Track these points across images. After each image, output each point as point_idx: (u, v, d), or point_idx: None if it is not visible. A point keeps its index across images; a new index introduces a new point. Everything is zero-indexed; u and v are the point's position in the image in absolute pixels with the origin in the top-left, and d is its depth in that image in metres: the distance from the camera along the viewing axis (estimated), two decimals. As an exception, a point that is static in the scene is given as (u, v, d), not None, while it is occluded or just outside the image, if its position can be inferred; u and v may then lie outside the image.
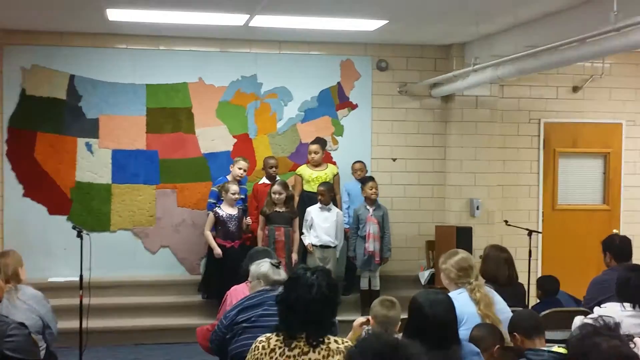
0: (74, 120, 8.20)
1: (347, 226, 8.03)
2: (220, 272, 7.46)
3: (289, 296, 3.28)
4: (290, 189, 8.09)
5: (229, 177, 7.92)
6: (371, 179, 7.94)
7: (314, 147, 8.14)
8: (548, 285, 6.12)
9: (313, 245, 7.73)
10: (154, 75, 8.36)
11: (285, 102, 8.66)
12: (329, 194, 7.75)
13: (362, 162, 8.35)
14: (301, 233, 7.75)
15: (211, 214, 7.58)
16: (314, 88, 8.70)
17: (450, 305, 3.57)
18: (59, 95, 8.18)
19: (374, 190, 7.82)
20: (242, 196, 7.86)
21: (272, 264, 4.40)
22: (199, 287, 7.97)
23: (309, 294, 3.21)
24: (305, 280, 3.26)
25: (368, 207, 7.85)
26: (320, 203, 7.74)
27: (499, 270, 5.30)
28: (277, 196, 7.54)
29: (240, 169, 7.88)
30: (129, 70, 8.31)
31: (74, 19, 7.51)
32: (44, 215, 8.17)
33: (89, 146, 8.25)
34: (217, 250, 7.48)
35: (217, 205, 7.72)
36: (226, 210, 7.58)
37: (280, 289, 3.57)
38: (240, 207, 7.74)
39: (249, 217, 7.85)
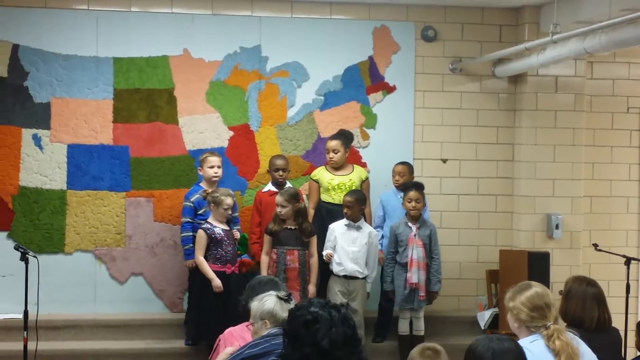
0: (18, 105, 8.29)
1: (381, 248, 8.05)
2: (212, 308, 7.50)
3: (292, 356, 3.28)
4: (305, 199, 8.13)
5: (203, 185, 7.97)
6: (415, 186, 7.94)
7: (333, 143, 8.18)
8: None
9: (335, 274, 7.75)
10: (123, 46, 8.43)
11: (298, 83, 8.71)
12: (358, 207, 7.77)
13: (407, 163, 8.38)
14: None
15: (202, 233, 7.60)
16: (337, 64, 8.74)
17: (519, 357, 3.57)
18: (-3, 72, 8.29)
19: (413, 203, 7.84)
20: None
21: (279, 297, 4.42)
22: (186, 333, 8.00)
23: (318, 349, 3.22)
24: (311, 331, 3.26)
25: (410, 224, 7.87)
26: (347, 218, 7.76)
27: (585, 310, 5.28)
28: (279, 210, 7.59)
29: (212, 167, 7.94)
30: (90, 39, 8.39)
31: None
32: (-23, 232, 8.28)
33: (37, 140, 8.34)
34: (217, 282, 7.51)
35: (197, 221, 7.78)
36: (219, 225, 7.63)
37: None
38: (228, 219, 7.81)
39: (236, 230, 7.86)
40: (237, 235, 7.86)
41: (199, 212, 7.87)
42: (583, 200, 8.88)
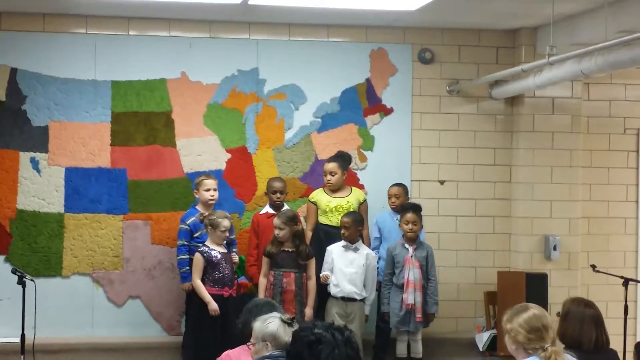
0: (15, 128, 8.31)
1: (378, 271, 8.04)
2: (209, 331, 7.47)
3: None
4: (303, 221, 8.14)
5: (199, 208, 7.97)
6: (412, 208, 7.94)
7: (330, 166, 8.19)
8: (651, 353, 6.08)
9: (333, 296, 7.74)
10: (121, 70, 8.46)
11: (296, 105, 8.73)
12: (355, 228, 7.77)
13: (402, 185, 8.38)
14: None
15: (199, 257, 7.57)
16: (334, 87, 8.77)
17: (517, 378, 3.56)
18: (-5, 96, 8.31)
19: (410, 225, 7.83)
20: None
21: (283, 320, 4.42)
22: (183, 354, 7.98)
23: None
24: (314, 352, 3.26)
25: (407, 245, 7.87)
26: (344, 240, 7.76)
27: (583, 331, 5.28)
28: (277, 232, 7.59)
29: (208, 190, 7.94)
30: (88, 63, 8.42)
31: (17, -6, 7.66)
32: (-26, 255, 8.27)
33: (34, 163, 8.35)
34: (214, 306, 7.47)
35: (193, 244, 7.78)
36: (216, 248, 7.62)
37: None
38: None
39: (234, 253, 7.86)
40: (236, 258, 7.85)
41: (195, 235, 7.86)
42: (580, 221, 8.88)
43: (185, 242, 7.87)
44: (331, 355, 3.20)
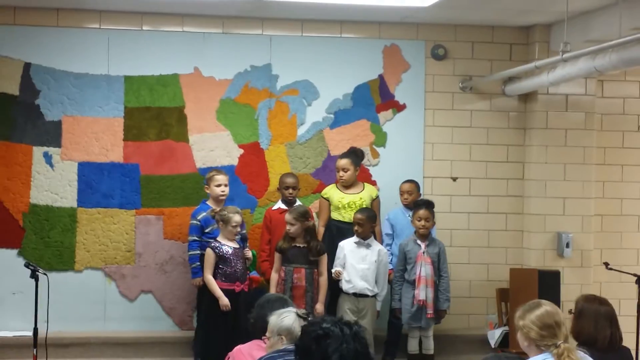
0: (29, 122, 8.33)
1: (391, 267, 8.04)
2: (220, 326, 7.48)
3: None
4: (315, 217, 8.14)
5: (210, 203, 7.98)
6: (425, 204, 7.93)
7: (342, 162, 8.18)
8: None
9: (344, 292, 7.74)
10: (134, 65, 8.48)
11: (308, 101, 8.73)
12: (369, 225, 7.76)
13: (414, 181, 8.37)
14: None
15: (210, 252, 7.58)
16: (347, 82, 8.77)
17: (529, 375, 3.56)
18: (9, 90, 8.32)
19: (422, 222, 7.83)
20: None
21: (298, 315, 4.41)
22: (192, 347, 8.01)
23: None
24: (321, 347, 3.23)
25: (419, 241, 7.86)
26: (357, 236, 7.76)
27: (598, 329, 5.25)
28: (288, 227, 7.60)
29: (219, 185, 7.94)
30: (101, 58, 8.43)
31: (31, -11, 7.68)
32: (-13, 249, 8.31)
33: (48, 157, 8.37)
34: (225, 301, 7.48)
35: (205, 240, 7.80)
36: (228, 243, 7.62)
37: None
38: (237, 238, 7.79)
39: (247, 249, 7.88)
40: (249, 254, 7.85)
41: (206, 231, 7.87)
42: (594, 218, 8.86)
43: (196, 238, 7.88)
44: (338, 349, 3.20)
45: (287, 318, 4.41)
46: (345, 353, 3.19)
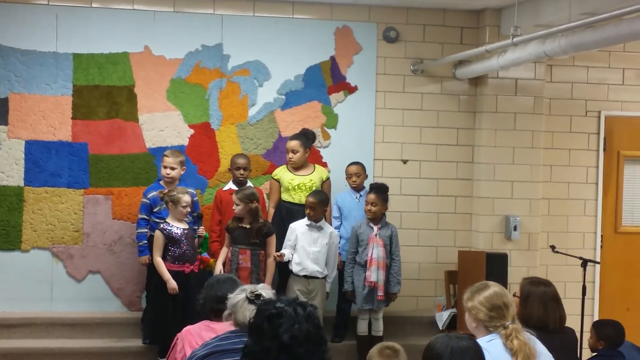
0: (-25, 100, 8.20)
1: (339, 251, 8.06)
2: (168, 307, 7.46)
3: (254, 350, 3.25)
4: (265, 198, 8.12)
5: (163, 183, 7.94)
6: (374, 188, 7.96)
7: (292, 143, 8.16)
8: (609, 333, 6.16)
9: (295, 274, 7.75)
10: (84, 42, 8.37)
11: (260, 82, 8.69)
12: (321, 208, 7.76)
13: (359, 163, 8.38)
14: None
15: (159, 234, 7.54)
16: (299, 64, 8.74)
17: (478, 355, 3.58)
18: (-46, 66, 8.19)
19: (369, 206, 7.86)
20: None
21: (248, 297, 4.31)
22: (141, 328, 7.96)
23: (279, 344, 3.18)
24: (273, 326, 3.22)
25: (372, 224, 7.89)
26: (309, 219, 7.76)
27: (548, 311, 5.27)
28: (234, 207, 7.60)
29: (165, 167, 7.91)
30: (50, 34, 8.31)
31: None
32: None
33: (-6, 135, 8.25)
34: (173, 284, 7.46)
35: (152, 219, 7.76)
36: (177, 224, 7.58)
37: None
38: (188, 219, 7.75)
39: (202, 228, 7.85)
40: (203, 233, 7.84)
41: (154, 210, 7.83)
42: (541, 202, 8.95)
43: (144, 216, 7.84)
44: (290, 329, 3.19)
45: (237, 296, 4.37)
46: (296, 334, 3.18)
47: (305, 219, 7.77)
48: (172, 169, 7.89)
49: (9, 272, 8.02)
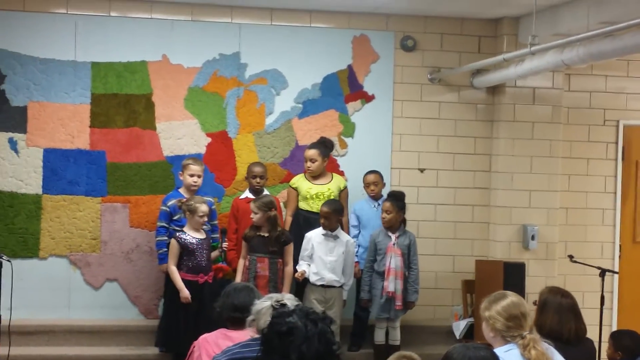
0: (-6, 108, 8.25)
1: (357, 259, 8.05)
2: (180, 316, 7.47)
3: None
4: (282, 207, 8.13)
5: (182, 191, 7.95)
6: (390, 196, 7.96)
7: (310, 152, 8.17)
8: (627, 343, 6.12)
9: (312, 284, 7.74)
10: (102, 51, 8.40)
11: (277, 91, 8.71)
12: (335, 217, 7.75)
13: (377, 172, 8.38)
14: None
15: (174, 242, 7.57)
16: (316, 72, 8.75)
17: (495, 365, 3.57)
18: (-26, 75, 8.24)
19: (384, 214, 7.87)
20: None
21: (273, 306, 4.31)
22: (156, 338, 7.98)
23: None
24: (283, 343, 3.19)
25: (390, 233, 7.87)
26: (324, 228, 7.76)
27: (562, 322, 5.26)
28: (252, 216, 7.60)
29: (192, 175, 7.92)
30: (69, 43, 8.35)
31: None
32: (-50, 235, 8.22)
33: (13, 143, 8.29)
34: (185, 293, 7.48)
35: (172, 227, 7.77)
36: (193, 234, 7.59)
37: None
38: (207, 228, 7.77)
39: (226, 242, 7.87)
40: (226, 247, 7.91)
41: (174, 218, 7.84)
42: (559, 211, 8.92)
43: (164, 224, 7.86)
44: (299, 348, 3.17)
45: (262, 304, 4.37)
46: (305, 352, 3.17)
47: (321, 228, 7.76)
48: (199, 176, 7.91)
49: (27, 280, 8.05)
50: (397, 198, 7.96)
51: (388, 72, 8.86)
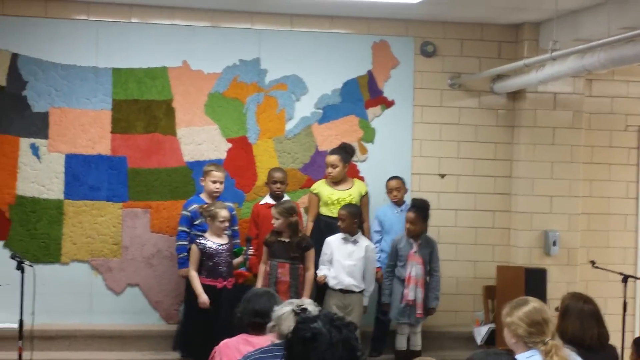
0: (16, 114, 8.30)
1: (379, 265, 8.04)
2: (205, 321, 7.48)
3: None
4: (303, 212, 8.13)
5: (203, 196, 7.97)
6: (413, 206, 7.94)
7: (331, 158, 8.19)
8: (649, 350, 6.10)
9: (331, 288, 7.74)
10: (123, 57, 8.45)
11: (297, 96, 8.73)
12: (351, 220, 7.74)
13: (399, 178, 8.38)
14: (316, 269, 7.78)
15: (195, 248, 7.59)
16: (336, 78, 8.77)
17: (517, 371, 3.57)
18: (-4, 81, 8.30)
19: (408, 224, 7.85)
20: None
21: (294, 311, 4.33)
22: (174, 342, 8.01)
23: None
24: (307, 349, 3.18)
25: (411, 240, 7.87)
26: (341, 231, 7.76)
27: (585, 328, 5.24)
28: (273, 221, 7.61)
29: (215, 182, 7.94)
30: (90, 49, 8.41)
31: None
32: (-27, 240, 8.28)
33: (35, 149, 8.34)
34: (204, 298, 7.47)
35: (193, 232, 7.79)
36: (214, 240, 7.61)
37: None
38: (228, 233, 7.79)
39: (252, 249, 7.88)
40: (251, 252, 7.90)
41: (195, 223, 7.86)
42: (580, 217, 8.89)
43: (185, 229, 7.88)
44: (322, 355, 3.17)
45: (283, 309, 4.38)
46: (328, 359, 3.17)
47: (340, 233, 7.76)
48: (221, 183, 7.94)
49: (48, 285, 8.09)
50: (422, 209, 7.93)
51: (408, 78, 8.86)
